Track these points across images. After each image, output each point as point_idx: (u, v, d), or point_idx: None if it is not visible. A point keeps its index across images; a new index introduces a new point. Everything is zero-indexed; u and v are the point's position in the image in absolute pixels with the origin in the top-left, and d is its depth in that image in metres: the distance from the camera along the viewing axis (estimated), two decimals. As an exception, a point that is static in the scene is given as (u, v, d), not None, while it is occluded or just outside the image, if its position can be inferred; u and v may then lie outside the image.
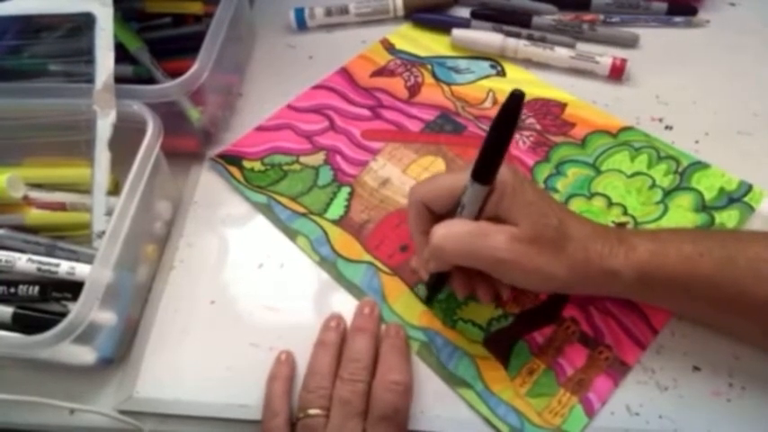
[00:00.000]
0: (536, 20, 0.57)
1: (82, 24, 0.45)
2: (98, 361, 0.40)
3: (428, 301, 0.42)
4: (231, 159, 0.51)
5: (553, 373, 0.39)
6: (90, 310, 0.35)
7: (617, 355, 0.39)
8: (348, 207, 0.47)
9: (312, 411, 0.36)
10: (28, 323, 0.40)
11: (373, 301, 0.42)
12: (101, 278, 0.36)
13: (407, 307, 0.42)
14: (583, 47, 0.55)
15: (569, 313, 0.41)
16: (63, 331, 0.34)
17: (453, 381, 0.39)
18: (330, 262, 0.45)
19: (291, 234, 0.46)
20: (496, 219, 0.35)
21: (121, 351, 0.42)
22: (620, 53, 0.54)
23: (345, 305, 0.42)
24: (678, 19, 0.57)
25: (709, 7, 0.58)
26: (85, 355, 0.38)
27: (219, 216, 0.48)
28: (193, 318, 0.43)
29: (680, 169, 0.47)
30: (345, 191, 0.48)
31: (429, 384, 0.39)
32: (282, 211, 0.47)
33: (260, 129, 0.53)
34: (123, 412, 0.39)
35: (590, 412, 0.37)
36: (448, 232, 0.35)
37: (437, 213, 0.38)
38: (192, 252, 0.46)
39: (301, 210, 0.47)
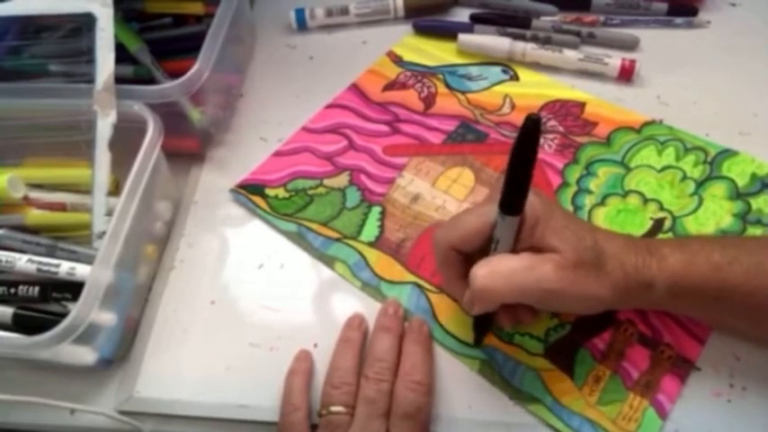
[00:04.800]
0: (535, 23, 0.57)
1: (82, 25, 0.45)
2: (98, 361, 0.39)
3: (477, 343, 0.40)
4: (253, 188, 0.49)
5: (619, 378, 0.38)
6: (90, 311, 0.35)
7: (679, 353, 0.38)
8: (382, 227, 0.46)
9: (335, 408, 0.36)
10: (28, 324, 0.40)
11: (397, 302, 0.41)
12: (101, 278, 0.36)
13: (460, 325, 0.41)
14: (584, 49, 0.55)
15: (625, 315, 0.40)
16: (63, 332, 0.34)
17: (521, 397, 0.38)
18: (373, 286, 0.43)
19: (328, 261, 0.44)
20: (532, 248, 0.34)
21: (121, 351, 0.42)
22: (620, 55, 0.54)
23: (346, 306, 0.42)
24: (679, 20, 0.57)
25: (710, 8, 0.58)
26: (86, 355, 0.38)
27: (220, 216, 0.48)
28: (193, 318, 0.43)
29: (709, 159, 0.47)
30: (376, 210, 0.47)
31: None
32: (315, 239, 0.45)
33: (278, 154, 0.51)
34: (123, 412, 0.39)
35: (662, 414, 0.36)
36: (492, 271, 0.33)
37: (468, 254, 0.36)
38: (192, 252, 0.46)
39: (334, 235, 0.46)
